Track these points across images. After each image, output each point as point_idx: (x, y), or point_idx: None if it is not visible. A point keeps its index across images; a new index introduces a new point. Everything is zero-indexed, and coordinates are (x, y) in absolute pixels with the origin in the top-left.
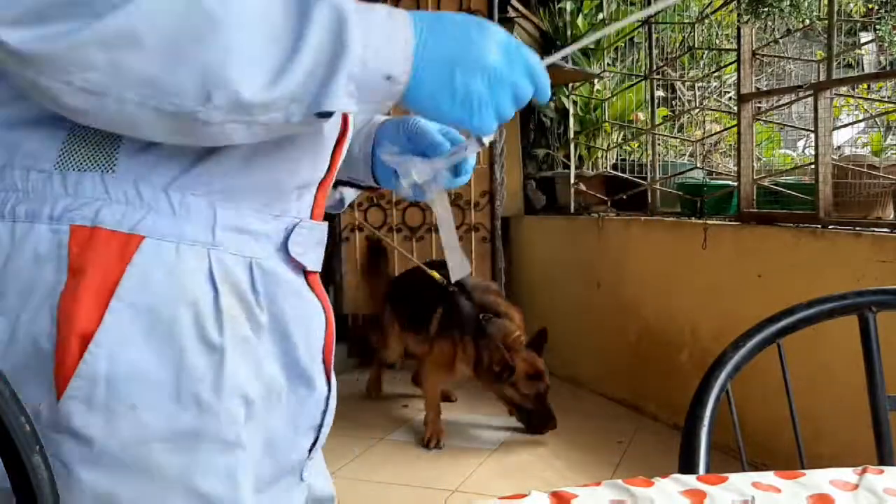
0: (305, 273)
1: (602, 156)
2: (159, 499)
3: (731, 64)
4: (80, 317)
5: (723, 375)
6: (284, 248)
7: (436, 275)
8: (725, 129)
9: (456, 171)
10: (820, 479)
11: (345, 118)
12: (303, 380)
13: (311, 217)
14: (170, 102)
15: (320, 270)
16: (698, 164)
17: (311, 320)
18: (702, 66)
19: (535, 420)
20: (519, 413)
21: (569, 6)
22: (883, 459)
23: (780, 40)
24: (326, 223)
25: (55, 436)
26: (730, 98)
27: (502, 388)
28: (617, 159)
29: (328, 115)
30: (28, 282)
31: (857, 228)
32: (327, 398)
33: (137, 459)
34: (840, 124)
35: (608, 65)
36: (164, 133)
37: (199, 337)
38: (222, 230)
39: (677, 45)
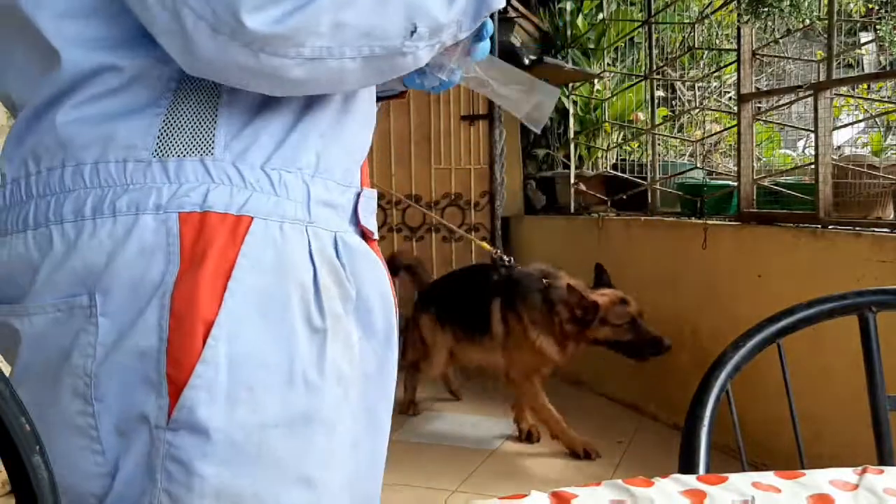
0: (366, 241)
1: (602, 156)
2: (275, 488)
3: (731, 64)
4: (202, 303)
5: (723, 375)
6: (355, 217)
7: (486, 245)
8: (725, 129)
9: (478, 38)
10: (820, 479)
11: None
12: (385, 343)
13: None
14: (381, 46)
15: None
16: (698, 164)
17: (384, 285)
18: (702, 66)
19: (644, 347)
20: (624, 350)
21: (569, 6)
22: (883, 459)
23: (780, 40)
24: (375, 190)
25: (170, 436)
26: (730, 98)
27: (595, 333)
28: (617, 159)
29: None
30: (134, 277)
31: (857, 228)
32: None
33: (257, 446)
34: (840, 124)
35: (608, 65)
36: (365, 79)
37: (306, 317)
38: (315, 205)
39: (677, 45)
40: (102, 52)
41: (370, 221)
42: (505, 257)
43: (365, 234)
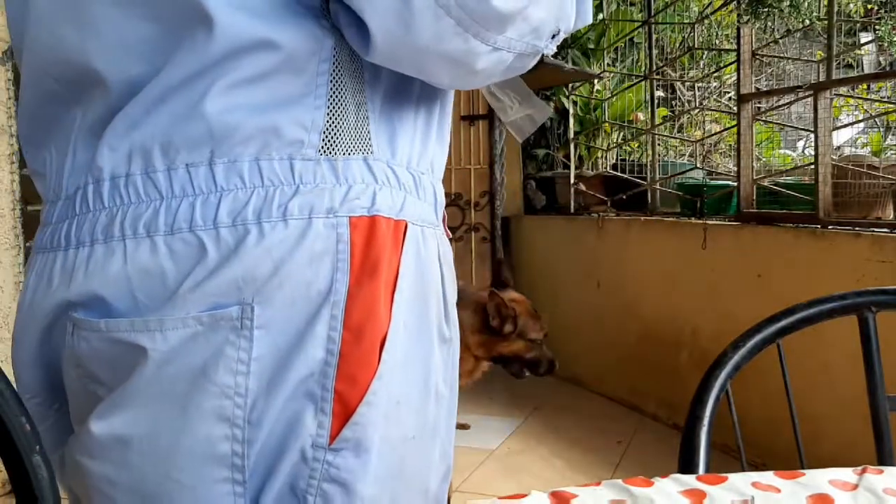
0: None
1: (602, 156)
2: (407, 502)
3: (731, 64)
4: (380, 315)
5: (723, 375)
6: (440, 213)
7: None
8: (725, 129)
9: None
10: (820, 479)
11: None
12: (457, 342)
13: None
14: (534, 45)
15: None
16: (698, 164)
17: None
18: (702, 66)
19: (542, 366)
20: (521, 365)
21: None
22: (883, 459)
23: (780, 40)
24: None
25: (331, 456)
26: (730, 98)
27: (508, 347)
28: (617, 159)
29: None
30: (300, 286)
31: (857, 228)
32: None
33: (399, 461)
34: (840, 124)
35: (608, 65)
36: (491, 79)
37: (439, 327)
38: (440, 208)
39: (677, 45)
40: (262, 22)
41: None
42: None
43: None
